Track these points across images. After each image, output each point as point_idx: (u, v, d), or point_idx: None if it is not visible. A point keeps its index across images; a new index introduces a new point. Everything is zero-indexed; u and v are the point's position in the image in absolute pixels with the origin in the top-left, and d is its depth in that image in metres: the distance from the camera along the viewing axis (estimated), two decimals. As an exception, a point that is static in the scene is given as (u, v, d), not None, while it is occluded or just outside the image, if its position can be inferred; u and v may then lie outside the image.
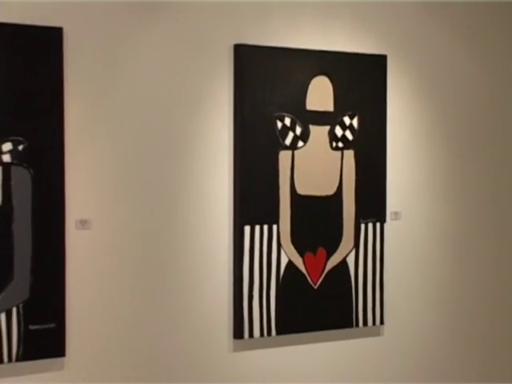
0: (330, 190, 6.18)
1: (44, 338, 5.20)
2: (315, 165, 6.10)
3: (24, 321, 5.14)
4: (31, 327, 5.15)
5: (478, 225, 6.98)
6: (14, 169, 5.08)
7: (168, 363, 5.69)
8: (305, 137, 6.04)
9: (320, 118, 6.11)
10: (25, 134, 5.12)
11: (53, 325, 5.22)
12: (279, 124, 5.95)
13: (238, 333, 5.87)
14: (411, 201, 6.62)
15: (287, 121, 5.97)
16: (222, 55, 5.82)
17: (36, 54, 5.19)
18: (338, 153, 6.20)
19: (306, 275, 6.09)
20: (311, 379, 6.20)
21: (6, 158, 5.04)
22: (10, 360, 5.08)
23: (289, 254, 6.01)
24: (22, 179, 5.13)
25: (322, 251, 6.14)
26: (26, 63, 5.15)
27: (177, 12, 5.69)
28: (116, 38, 5.50)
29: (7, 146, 5.05)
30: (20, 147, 5.09)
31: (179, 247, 5.74)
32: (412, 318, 6.65)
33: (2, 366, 5.06)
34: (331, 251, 6.18)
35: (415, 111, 6.65)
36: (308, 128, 6.06)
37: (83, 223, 5.37)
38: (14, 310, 5.10)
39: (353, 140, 6.25)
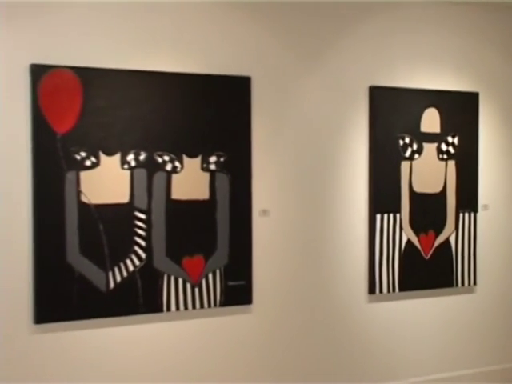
0: (438, 189, 6.10)
1: (237, 290, 5.38)
2: (427, 171, 6.04)
3: (224, 279, 5.31)
4: (229, 283, 5.33)
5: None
6: (217, 174, 5.26)
7: (322, 310, 5.77)
8: (419, 151, 5.99)
9: (430, 137, 6.04)
10: (224, 150, 5.29)
11: (243, 282, 5.39)
12: (401, 142, 5.90)
13: (371, 289, 5.89)
14: (497, 197, 6.51)
15: (407, 140, 5.93)
16: (361, 94, 5.85)
17: (232, 95, 5.33)
18: (443, 162, 6.12)
19: (420, 249, 6.04)
20: (421, 323, 6.18)
21: (212, 167, 5.24)
22: (215, 305, 5.29)
23: (408, 235, 5.97)
24: (223, 181, 5.29)
25: (431, 233, 6.08)
26: (225, 102, 5.30)
27: (329, 63, 5.74)
28: (287, 83, 5.59)
29: (213, 159, 5.24)
30: (221, 159, 5.26)
31: (331, 229, 5.79)
32: (497, 280, 6.55)
33: (209, 309, 5.27)
34: (438, 232, 6.12)
35: (501, 132, 6.53)
36: (422, 145, 5.99)
37: (264, 212, 5.49)
38: (218, 271, 5.29)
39: (454, 153, 6.16)
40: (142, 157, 5.02)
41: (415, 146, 6.00)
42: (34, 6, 4.75)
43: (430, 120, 6.07)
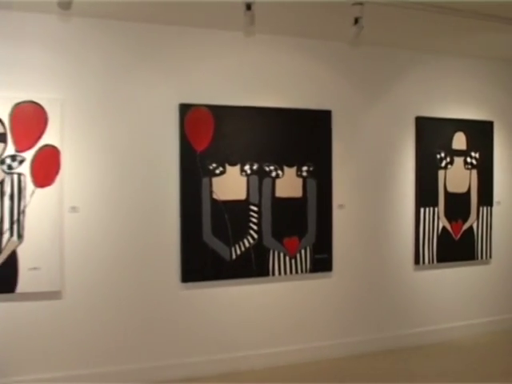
0: (464, 190, 6.08)
1: (322, 261, 5.40)
2: (457, 177, 6.03)
3: (312, 253, 5.36)
4: (316, 256, 5.38)
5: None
6: (308, 179, 5.33)
7: (381, 276, 5.77)
8: (451, 162, 5.99)
9: (459, 153, 6.04)
10: (313, 162, 5.33)
11: (326, 255, 5.44)
12: (438, 156, 5.91)
13: (417, 261, 5.88)
14: (506, 196, 6.41)
15: (442, 154, 5.94)
16: (410, 122, 5.84)
17: (318, 123, 5.37)
18: (468, 171, 6.10)
19: (452, 233, 6.02)
20: (452, 285, 6.10)
21: (304, 174, 5.30)
22: (306, 272, 5.36)
23: (443, 222, 5.96)
24: (312, 184, 5.34)
25: (460, 221, 6.06)
26: (313, 128, 5.33)
27: (387, 100, 5.74)
28: (357, 114, 5.63)
29: (305, 168, 5.31)
30: (311, 168, 5.32)
31: (388, 218, 5.74)
32: (506, 255, 6.41)
33: (301, 274, 5.32)
34: (465, 221, 6.09)
35: (510, 149, 6.39)
36: (453, 158, 6.00)
37: (341, 206, 5.52)
38: (308, 247, 5.35)
39: (476, 164, 6.14)
40: (255, 167, 5.09)
41: (448, 159, 5.99)
42: (178, 60, 4.91)
43: (459, 140, 6.06)
